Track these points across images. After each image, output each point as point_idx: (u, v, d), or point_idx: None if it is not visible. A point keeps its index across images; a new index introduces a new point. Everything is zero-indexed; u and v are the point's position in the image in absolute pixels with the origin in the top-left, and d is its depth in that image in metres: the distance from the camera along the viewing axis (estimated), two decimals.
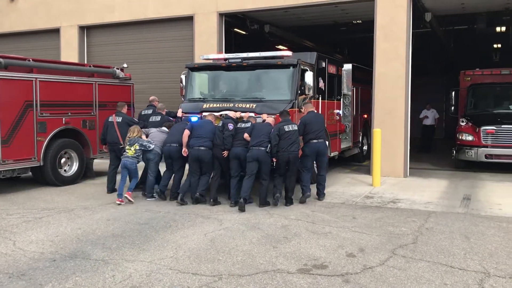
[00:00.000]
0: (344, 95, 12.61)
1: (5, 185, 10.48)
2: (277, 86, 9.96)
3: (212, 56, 10.91)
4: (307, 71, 9.68)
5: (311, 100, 9.95)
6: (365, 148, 14.71)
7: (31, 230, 7.04)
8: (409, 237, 6.66)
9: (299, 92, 9.58)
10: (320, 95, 10.80)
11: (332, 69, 11.71)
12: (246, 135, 8.50)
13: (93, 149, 11.36)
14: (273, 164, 8.69)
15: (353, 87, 12.95)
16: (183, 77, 10.70)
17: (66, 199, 9.34)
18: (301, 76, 9.57)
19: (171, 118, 10.13)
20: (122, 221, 7.56)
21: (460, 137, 13.08)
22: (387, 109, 11.90)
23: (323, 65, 11.09)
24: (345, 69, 12.72)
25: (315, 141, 8.90)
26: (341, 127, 12.25)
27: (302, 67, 9.70)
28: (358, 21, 17.31)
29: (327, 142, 9.42)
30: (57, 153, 10.46)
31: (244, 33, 17.27)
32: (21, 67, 9.91)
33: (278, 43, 19.74)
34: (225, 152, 8.66)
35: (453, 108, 14.86)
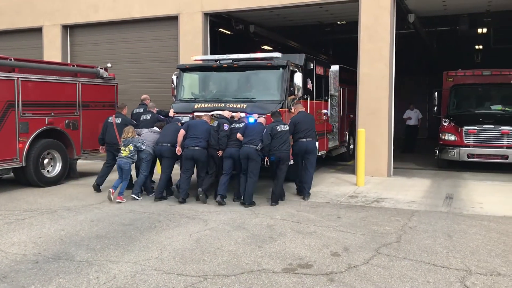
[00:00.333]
0: (331, 96, 12.78)
1: None
2: (267, 86, 10.18)
3: (203, 57, 11.08)
4: (296, 72, 9.86)
5: (300, 100, 10.12)
6: (351, 147, 14.90)
7: (13, 231, 6.93)
8: (392, 236, 6.73)
9: (289, 92, 9.77)
10: (308, 96, 11.00)
11: (319, 70, 11.90)
12: (239, 135, 8.70)
13: (77, 149, 11.25)
14: (264, 163, 8.91)
15: (339, 88, 13.10)
16: (174, 77, 10.82)
17: (49, 200, 9.23)
18: (291, 77, 9.77)
19: (162, 117, 10.22)
20: (106, 222, 7.50)
21: (443, 137, 13.25)
22: (371, 110, 12.01)
23: (311, 66, 11.28)
24: (332, 70, 12.91)
25: (303, 140, 9.14)
26: (328, 127, 12.46)
27: (291, 68, 9.89)
28: (342, 22, 17.48)
29: (317, 142, 9.56)
30: (40, 153, 10.32)
31: (229, 33, 17.28)
32: (3, 67, 9.74)
33: (263, 43, 19.79)
34: (220, 152, 8.85)
35: (436, 108, 15.06)
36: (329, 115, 12.46)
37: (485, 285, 4.93)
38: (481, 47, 22.35)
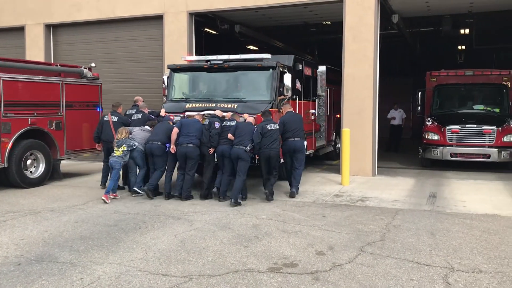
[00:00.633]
0: (318, 96, 12.93)
1: None
2: (257, 87, 10.35)
3: (194, 57, 11.23)
4: (286, 73, 10.02)
5: (289, 100, 10.31)
6: (338, 146, 15.05)
7: None
8: (377, 234, 6.79)
9: (278, 93, 9.91)
10: (297, 96, 11.13)
11: (308, 71, 12.08)
12: (229, 135, 8.84)
13: (60, 150, 11.13)
14: (254, 161, 9.10)
15: (327, 88, 13.23)
16: (165, 78, 10.92)
17: (32, 201, 9.11)
18: (280, 77, 9.94)
19: (153, 116, 10.31)
20: (90, 223, 7.43)
21: (426, 137, 13.41)
22: (355, 109, 12.11)
23: (300, 67, 11.44)
24: (320, 71, 13.07)
25: (292, 139, 9.37)
26: (316, 126, 12.65)
27: (281, 69, 10.06)
28: (327, 22, 17.56)
29: (305, 142, 9.72)
30: (23, 154, 10.18)
31: (214, 32, 17.24)
32: None
33: (248, 43, 19.80)
34: (211, 149, 9.03)
35: (419, 108, 15.22)
36: (316, 115, 12.63)
37: (467, 282, 5.01)
38: (463, 47, 22.64)
